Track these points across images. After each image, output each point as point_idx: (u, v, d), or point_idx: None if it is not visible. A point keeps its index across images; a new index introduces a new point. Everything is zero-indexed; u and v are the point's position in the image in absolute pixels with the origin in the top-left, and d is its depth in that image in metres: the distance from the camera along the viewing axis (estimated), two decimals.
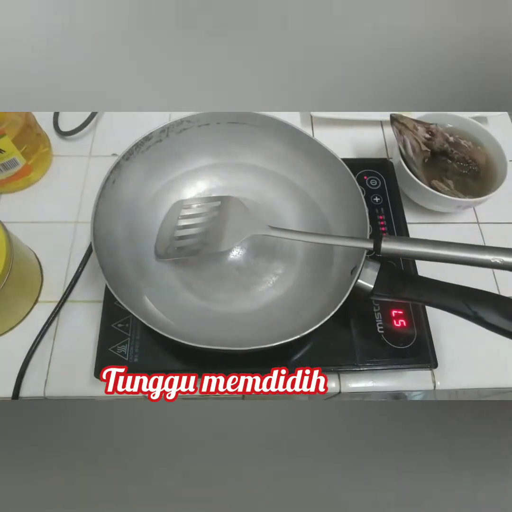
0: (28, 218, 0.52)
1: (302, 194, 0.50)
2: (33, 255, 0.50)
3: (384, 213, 0.53)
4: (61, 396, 0.44)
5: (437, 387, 0.46)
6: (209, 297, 0.46)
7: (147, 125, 0.45)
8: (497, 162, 0.53)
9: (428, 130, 0.53)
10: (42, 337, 0.45)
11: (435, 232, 0.55)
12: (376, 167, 0.56)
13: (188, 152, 0.49)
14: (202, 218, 0.47)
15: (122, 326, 0.44)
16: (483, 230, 0.55)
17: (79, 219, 0.53)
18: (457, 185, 0.52)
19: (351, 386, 0.46)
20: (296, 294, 0.46)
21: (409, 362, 0.45)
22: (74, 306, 0.48)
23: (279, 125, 0.47)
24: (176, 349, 0.44)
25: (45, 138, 0.56)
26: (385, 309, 0.47)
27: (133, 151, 0.44)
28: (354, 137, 0.61)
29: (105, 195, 0.42)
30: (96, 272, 0.49)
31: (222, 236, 0.44)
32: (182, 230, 0.47)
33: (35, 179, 0.55)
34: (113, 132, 0.60)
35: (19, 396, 0.43)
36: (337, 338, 0.45)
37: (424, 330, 0.46)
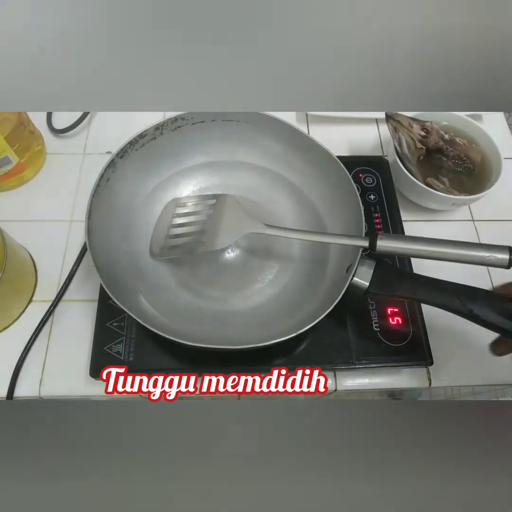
0: (22, 217, 0.52)
1: (298, 192, 0.50)
2: (27, 254, 0.49)
3: (380, 211, 0.53)
4: (57, 396, 0.44)
5: (433, 384, 0.46)
6: (204, 295, 0.46)
7: (141, 123, 0.45)
8: (492, 160, 0.53)
9: (423, 127, 0.53)
10: (36, 336, 0.45)
11: (430, 229, 0.55)
12: (372, 165, 0.56)
13: (183, 150, 0.49)
14: (197, 216, 0.47)
15: (117, 325, 0.44)
16: (478, 228, 0.55)
17: (73, 218, 0.52)
18: (452, 183, 0.52)
19: (347, 384, 0.46)
20: (291, 292, 0.46)
21: (404, 360, 0.45)
22: (68, 305, 0.47)
23: (275, 123, 0.47)
24: (172, 348, 0.44)
25: (38, 136, 0.56)
26: (381, 307, 0.47)
27: (127, 149, 0.44)
28: (349, 134, 0.61)
29: (99, 193, 0.41)
30: (91, 271, 0.49)
31: (218, 234, 0.44)
32: (177, 228, 0.47)
33: (28, 177, 0.55)
34: (107, 130, 0.59)
35: (14, 396, 0.43)
36: (333, 335, 0.45)
37: (419, 327, 0.46)
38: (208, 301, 0.45)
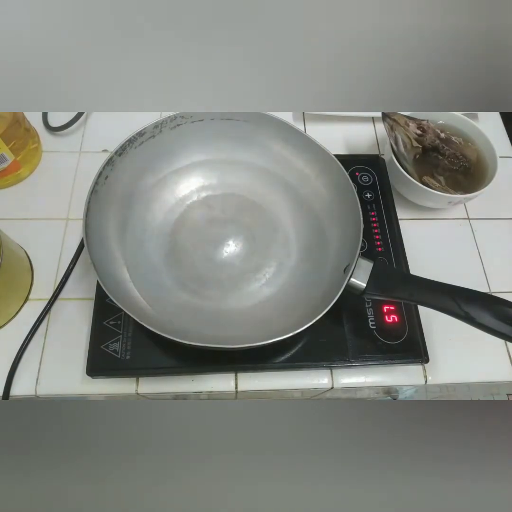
0: (17, 215, 0.52)
1: (295, 190, 0.50)
2: (23, 252, 0.49)
3: (376, 209, 0.53)
4: (53, 395, 0.44)
5: (429, 382, 0.46)
6: (202, 294, 0.46)
7: (137, 121, 0.45)
8: (487, 158, 0.53)
9: (419, 126, 0.53)
10: (32, 335, 0.45)
11: (426, 228, 0.55)
12: (368, 163, 0.56)
13: (181, 148, 0.49)
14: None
15: (114, 323, 0.44)
16: (474, 226, 0.56)
17: (69, 216, 0.52)
18: (448, 181, 0.53)
19: (344, 382, 0.46)
20: (289, 292, 0.46)
21: (400, 357, 0.45)
22: (65, 303, 0.47)
23: (273, 122, 0.47)
24: (169, 346, 0.43)
25: (34, 134, 0.56)
26: (377, 305, 0.47)
27: (126, 147, 0.44)
28: (346, 133, 0.62)
29: (98, 191, 0.41)
30: (87, 269, 0.48)
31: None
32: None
33: (24, 175, 0.54)
34: (103, 128, 0.59)
35: (10, 395, 0.43)
36: (329, 334, 0.45)
37: (415, 325, 0.46)
38: (206, 300, 0.45)
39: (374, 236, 0.51)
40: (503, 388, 0.52)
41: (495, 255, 0.54)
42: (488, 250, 0.54)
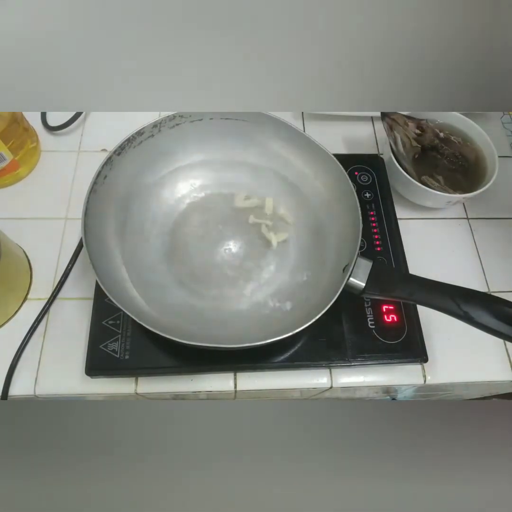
0: (16, 215, 0.52)
1: (295, 190, 0.50)
2: (21, 252, 0.49)
3: (375, 209, 0.53)
4: (52, 394, 0.44)
5: (428, 381, 0.46)
6: (201, 294, 0.46)
7: (136, 121, 0.45)
8: (486, 158, 0.53)
9: (418, 126, 0.53)
10: (31, 335, 0.45)
11: (425, 227, 0.55)
12: (367, 163, 0.56)
13: (181, 148, 0.49)
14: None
15: (113, 323, 0.44)
16: (473, 226, 0.56)
17: (68, 215, 0.52)
18: (447, 181, 0.53)
19: (343, 381, 0.46)
20: (288, 291, 0.46)
21: (400, 357, 0.45)
22: (64, 303, 0.47)
23: (273, 121, 0.47)
24: (168, 346, 0.43)
25: (32, 133, 0.55)
26: (376, 304, 0.47)
27: (125, 146, 0.44)
28: (345, 132, 0.62)
29: (97, 190, 0.41)
30: (86, 268, 0.48)
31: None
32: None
33: (23, 175, 0.54)
34: (102, 128, 0.59)
35: (9, 395, 0.42)
36: (328, 333, 0.45)
37: (414, 325, 0.46)
38: (205, 300, 0.45)
39: (373, 236, 0.51)
40: (503, 388, 0.52)
41: (494, 254, 0.54)
42: (487, 249, 0.54)
